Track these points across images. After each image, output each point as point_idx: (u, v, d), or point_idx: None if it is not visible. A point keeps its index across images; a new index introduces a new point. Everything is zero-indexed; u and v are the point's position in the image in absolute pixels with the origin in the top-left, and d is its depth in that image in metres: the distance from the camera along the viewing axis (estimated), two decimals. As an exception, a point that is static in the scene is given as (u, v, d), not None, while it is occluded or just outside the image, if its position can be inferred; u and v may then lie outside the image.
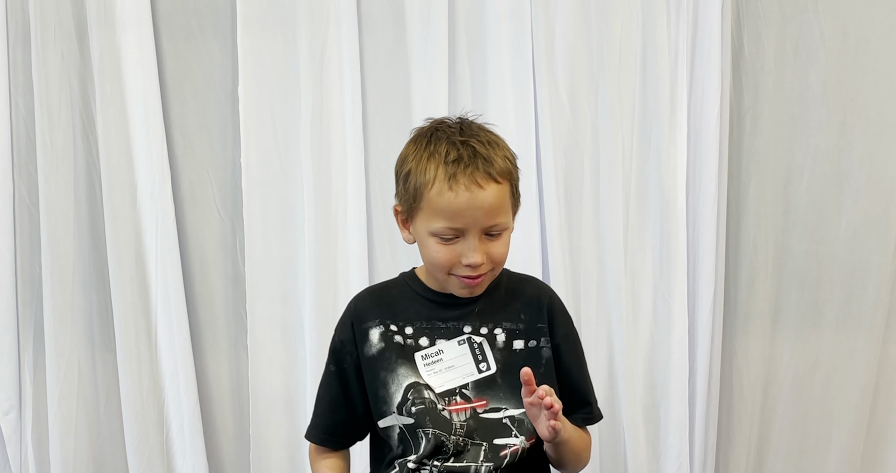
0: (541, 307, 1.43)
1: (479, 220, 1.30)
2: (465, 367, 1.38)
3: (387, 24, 1.96)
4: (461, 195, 1.29)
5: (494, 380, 1.38)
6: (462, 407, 1.37)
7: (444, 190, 1.29)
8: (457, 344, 1.39)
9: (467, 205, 1.29)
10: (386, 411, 1.38)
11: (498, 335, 1.40)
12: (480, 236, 1.32)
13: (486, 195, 1.29)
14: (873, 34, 1.93)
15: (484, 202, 1.29)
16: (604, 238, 1.96)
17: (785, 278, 2.00)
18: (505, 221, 1.33)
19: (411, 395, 1.37)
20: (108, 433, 2.04)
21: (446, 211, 1.30)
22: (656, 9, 1.92)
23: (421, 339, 1.40)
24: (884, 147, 1.94)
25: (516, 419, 1.37)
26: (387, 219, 1.98)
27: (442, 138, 1.34)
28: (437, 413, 1.36)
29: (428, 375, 1.37)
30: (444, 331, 1.40)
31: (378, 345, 1.40)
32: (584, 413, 1.46)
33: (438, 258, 1.33)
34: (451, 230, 1.31)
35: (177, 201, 2.00)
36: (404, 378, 1.37)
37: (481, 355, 1.39)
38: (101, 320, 2.03)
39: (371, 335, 1.41)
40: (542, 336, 1.41)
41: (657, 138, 1.94)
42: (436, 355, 1.39)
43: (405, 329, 1.40)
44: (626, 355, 1.96)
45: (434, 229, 1.32)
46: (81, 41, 1.97)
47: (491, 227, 1.32)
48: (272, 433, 2.00)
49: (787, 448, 2.03)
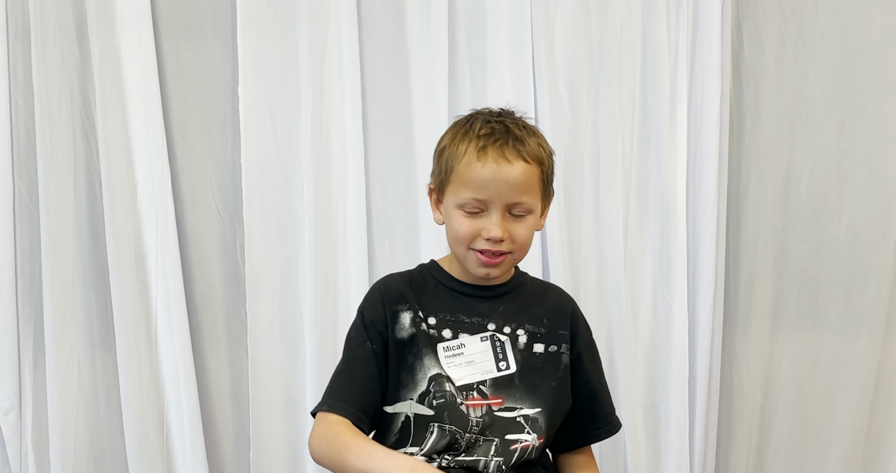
0: (564, 315, 1.46)
1: (504, 194, 1.33)
2: (486, 364, 1.39)
3: (387, 24, 1.96)
4: (488, 166, 1.33)
5: (512, 380, 1.39)
6: (479, 403, 1.37)
7: (473, 161, 1.34)
8: (479, 340, 1.40)
9: (493, 177, 1.33)
10: (402, 396, 1.38)
11: (520, 337, 1.42)
12: (504, 213, 1.34)
13: (513, 170, 1.33)
14: (873, 34, 1.93)
15: (510, 176, 1.33)
16: (604, 238, 1.96)
17: (785, 278, 2.00)
18: (530, 202, 1.35)
19: (433, 387, 1.37)
20: (108, 433, 2.04)
21: (473, 182, 1.34)
22: (656, 9, 1.92)
23: (444, 331, 1.40)
24: (884, 147, 1.95)
25: (530, 417, 1.38)
26: (387, 219, 1.98)
27: (479, 119, 1.40)
28: (455, 408, 1.36)
29: (448, 367, 1.38)
30: (468, 326, 1.41)
31: (409, 330, 1.39)
32: (606, 427, 1.48)
33: (461, 230, 1.36)
34: (476, 202, 1.34)
35: (177, 201, 2.00)
36: (429, 369, 1.37)
37: (502, 354, 1.40)
38: (101, 320, 2.03)
39: (402, 318, 1.40)
40: (564, 343, 1.43)
41: (657, 138, 1.94)
42: (458, 348, 1.39)
43: (429, 319, 1.40)
44: (626, 355, 1.96)
45: (460, 201, 1.35)
46: (81, 41, 1.97)
47: (515, 205, 1.34)
48: (272, 433, 2.00)
49: (787, 448, 2.03)
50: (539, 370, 1.41)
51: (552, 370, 1.41)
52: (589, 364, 1.46)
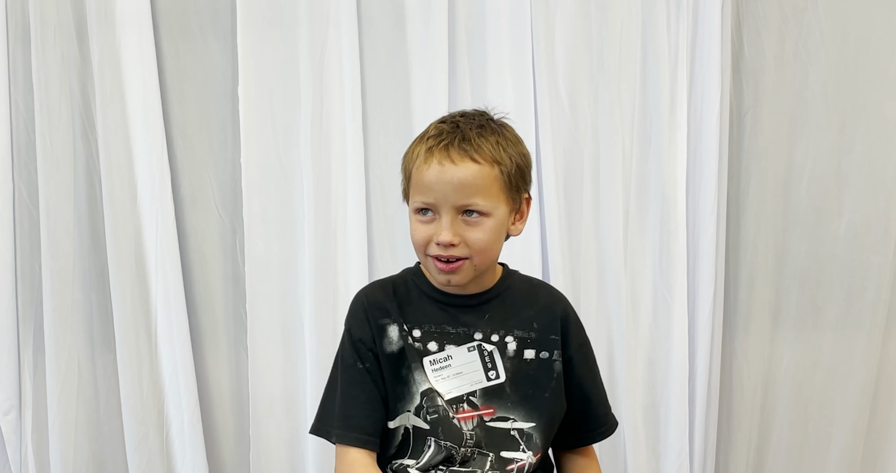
0: (555, 318, 1.40)
1: (450, 196, 1.28)
2: (474, 374, 1.35)
3: (387, 24, 1.96)
4: (433, 168, 1.28)
5: (503, 389, 1.36)
6: (469, 415, 1.34)
7: (421, 164, 1.30)
8: (466, 351, 1.36)
9: (437, 178, 1.28)
10: (400, 409, 1.35)
11: (509, 344, 1.37)
12: (455, 216, 1.29)
13: (457, 171, 1.27)
14: (873, 34, 1.93)
15: (454, 177, 1.27)
16: (604, 238, 1.96)
17: (785, 278, 2.00)
18: (483, 204, 1.29)
19: (426, 403, 1.34)
20: (108, 433, 2.04)
21: (421, 185, 1.30)
22: (656, 9, 1.92)
23: (430, 344, 1.36)
24: (884, 147, 1.95)
25: (525, 432, 1.35)
26: (387, 219, 1.98)
27: (437, 121, 1.35)
28: (449, 423, 1.33)
29: (436, 381, 1.34)
30: (454, 336, 1.37)
31: (398, 343, 1.35)
32: (600, 430, 1.45)
33: (415, 236, 1.33)
34: (425, 205, 1.30)
35: (177, 201, 2.00)
36: (420, 384, 1.34)
37: (491, 363, 1.36)
38: (101, 320, 2.03)
39: (389, 331, 1.36)
40: (555, 349, 1.39)
41: (657, 138, 1.94)
42: (444, 361, 1.36)
43: (413, 332, 1.36)
44: (626, 355, 1.96)
45: (414, 205, 1.32)
46: (81, 41, 1.97)
47: (464, 206, 1.29)
48: (272, 433, 2.00)
49: (787, 448, 2.03)
50: (531, 378, 1.37)
51: (545, 379, 1.38)
52: (580, 366, 1.41)
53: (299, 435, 1.99)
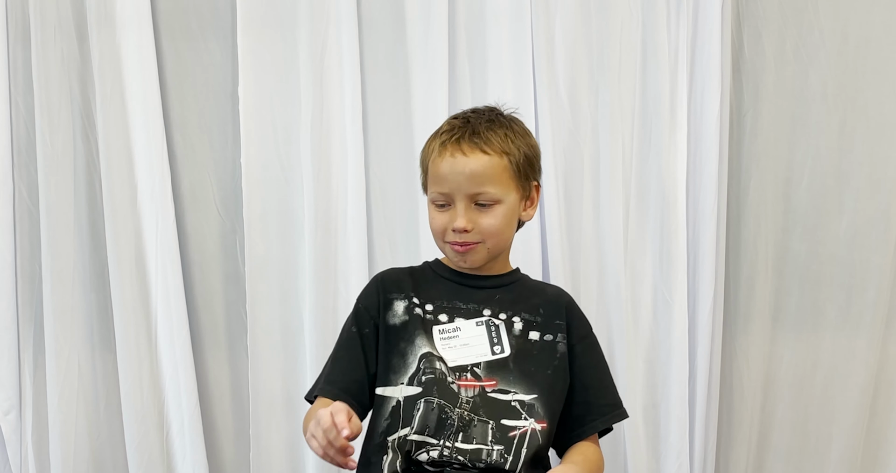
0: (560, 306, 1.50)
1: (463, 186, 1.40)
2: (480, 347, 1.42)
3: (387, 24, 1.96)
4: (446, 160, 1.41)
5: (507, 364, 1.42)
6: (471, 384, 1.40)
7: (436, 157, 1.43)
8: (475, 324, 1.44)
9: (450, 169, 1.40)
10: (392, 381, 1.41)
11: (516, 323, 1.46)
12: (468, 204, 1.41)
13: (469, 161, 1.40)
14: (873, 34, 1.93)
15: (465, 168, 1.39)
16: (604, 238, 1.96)
17: (785, 278, 1.99)
18: (494, 192, 1.40)
19: (423, 365, 1.40)
20: (108, 433, 2.04)
21: (437, 177, 1.42)
22: (656, 9, 1.92)
23: (440, 315, 1.46)
24: (884, 147, 1.94)
25: (526, 403, 1.40)
26: (387, 219, 1.98)
27: (451, 117, 1.49)
28: (445, 385, 1.39)
29: (443, 349, 1.42)
30: (464, 311, 1.46)
31: (402, 317, 1.45)
32: (603, 419, 1.47)
33: (433, 225, 1.45)
34: (441, 196, 1.43)
35: (177, 201, 2.00)
36: (419, 349, 1.41)
37: (497, 338, 1.43)
38: (101, 320, 2.03)
39: (396, 305, 1.46)
40: (560, 332, 1.46)
41: (657, 138, 1.94)
42: (453, 331, 1.44)
43: (426, 306, 1.46)
44: (626, 355, 1.95)
45: (431, 196, 1.45)
46: (81, 41, 1.97)
47: (477, 195, 1.40)
48: (272, 433, 2.00)
49: (787, 448, 2.02)
50: (534, 357, 1.44)
51: (547, 358, 1.44)
52: (582, 357, 1.48)
53: (299, 435, 1.99)
